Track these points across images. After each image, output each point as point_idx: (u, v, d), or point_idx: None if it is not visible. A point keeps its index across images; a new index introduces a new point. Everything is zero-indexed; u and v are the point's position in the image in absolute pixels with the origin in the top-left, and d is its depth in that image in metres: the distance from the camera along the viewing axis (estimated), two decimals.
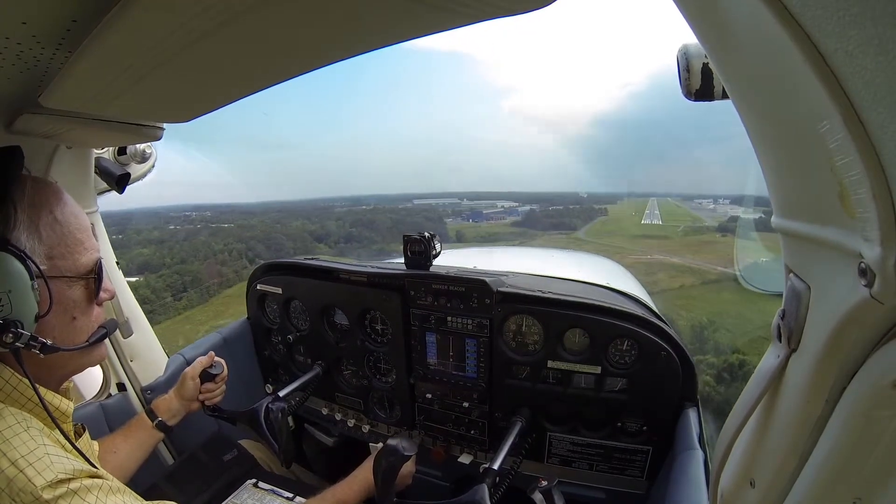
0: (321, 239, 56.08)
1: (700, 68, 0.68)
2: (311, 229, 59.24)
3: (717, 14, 0.46)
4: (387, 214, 70.63)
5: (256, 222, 60.27)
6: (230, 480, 1.66)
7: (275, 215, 76.68)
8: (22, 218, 0.81)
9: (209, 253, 40.44)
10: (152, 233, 43.41)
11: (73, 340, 0.90)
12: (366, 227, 64.47)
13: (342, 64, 0.73)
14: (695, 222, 74.12)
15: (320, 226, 62.11)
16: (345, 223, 65.29)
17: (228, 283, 36.10)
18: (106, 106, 0.90)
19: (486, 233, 68.10)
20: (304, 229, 58.30)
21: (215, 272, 36.42)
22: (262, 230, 50.74)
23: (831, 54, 0.34)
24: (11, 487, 0.72)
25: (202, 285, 34.04)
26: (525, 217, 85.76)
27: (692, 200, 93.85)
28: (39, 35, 0.64)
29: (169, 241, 43.06)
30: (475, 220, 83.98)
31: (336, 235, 58.57)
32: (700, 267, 39.18)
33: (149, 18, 0.54)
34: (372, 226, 64.98)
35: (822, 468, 0.49)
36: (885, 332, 0.41)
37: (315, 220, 65.96)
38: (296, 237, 52.89)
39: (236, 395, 1.96)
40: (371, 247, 57.33)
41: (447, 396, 1.83)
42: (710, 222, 67.34)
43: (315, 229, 59.52)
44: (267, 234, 46.22)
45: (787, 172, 0.51)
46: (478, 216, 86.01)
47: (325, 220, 66.21)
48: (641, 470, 1.61)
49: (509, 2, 0.54)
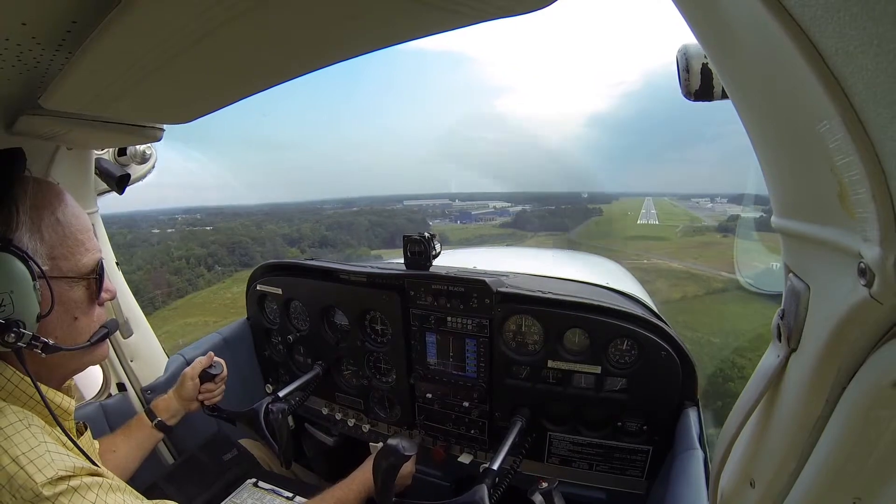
0: (294, 242, 53.62)
1: (699, 69, 0.68)
2: (286, 232, 56.49)
3: (717, 14, 0.46)
4: (366, 216, 68.05)
5: (238, 224, 57.47)
6: (230, 480, 1.66)
7: (261, 217, 73.43)
8: (24, 219, 0.82)
9: (166, 259, 36.88)
10: (126, 236, 40.20)
11: (75, 340, 0.91)
12: (343, 230, 61.90)
13: (341, 64, 0.73)
14: (693, 222, 70.94)
15: (295, 228, 59.18)
16: (321, 225, 62.72)
17: (179, 293, 31.55)
18: (106, 107, 0.90)
19: (472, 235, 65.64)
20: (279, 232, 55.57)
21: (163, 282, 32.33)
22: (226, 235, 47.13)
23: (831, 54, 0.34)
24: (12, 484, 0.73)
25: (144, 297, 29.93)
26: (514, 218, 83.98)
27: (689, 199, 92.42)
28: (39, 36, 0.64)
29: (141, 246, 39.96)
30: (463, 221, 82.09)
31: (311, 238, 56.00)
32: (703, 272, 34.16)
33: (149, 20, 0.54)
34: (350, 228, 62.41)
35: (822, 468, 0.49)
36: (884, 332, 0.41)
37: (293, 223, 62.95)
38: (265, 240, 49.98)
39: (236, 396, 1.96)
40: (345, 251, 54.45)
41: (447, 396, 1.83)
42: (709, 222, 64.26)
43: (289, 232, 56.74)
44: (231, 239, 43.38)
45: (786, 172, 0.51)
46: (466, 217, 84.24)
47: (304, 223, 63.69)
48: (641, 470, 1.61)
49: (509, 2, 0.54)
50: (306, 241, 55.35)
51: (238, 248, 42.18)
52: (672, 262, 40.36)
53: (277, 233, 55.20)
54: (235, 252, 42.21)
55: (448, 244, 1.74)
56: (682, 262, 40.07)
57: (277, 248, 51.58)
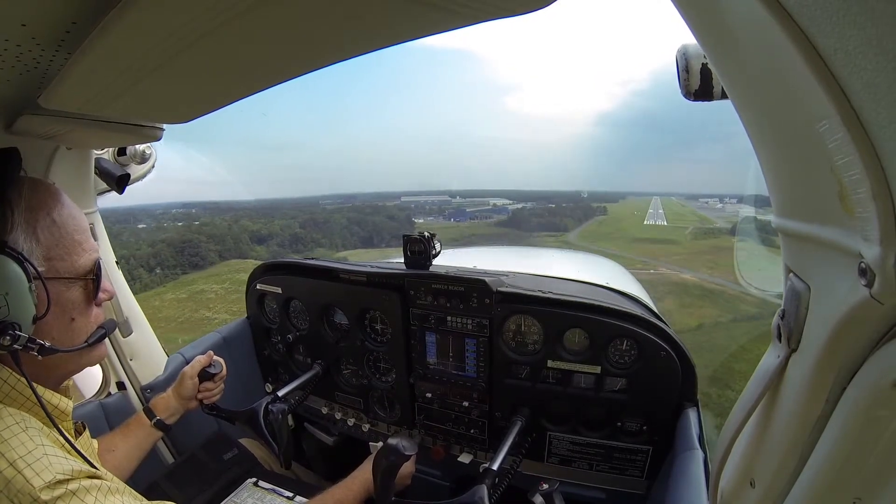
0: (263, 240, 50.30)
1: (699, 69, 0.68)
2: (254, 229, 52.70)
3: (716, 14, 0.46)
4: (346, 213, 63.89)
5: (219, 220, 53.68)
6: (230, 479, 1.66)
7: (250, 213, 68.01)
8: (19, 220, 0.81)
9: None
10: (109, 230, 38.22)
11: (72, 341, 0.90)
12: (317, 228, 58.02)
13: (343, 62, 0.73)
14: (703, 223, 65.15)
15: (263, 225, 55.16)
16: (295, 222, 58.70)
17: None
18: (105, 107, 0.90)
19: (461, 235, 60.79)
20: (248, 229, 51.91)
21: None
22: (177, 232, 43.73)
23: (830, 54, 0.34)
24: (10, 488, 0.72)
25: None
26: (511, 217, 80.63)
27: (697, 200, 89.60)
28: (39, 37, 0.64)
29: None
30: (457, 219, 78.49)
31: (281, 236, 52.39)
32: (724, 288, 25.48)
33: (148, 20, 0.54)
34: (325, 227, 58.52)
35: (822, 468, 0.49)
36: (885, 332, 0.41)
37: (259, 220, 58.56)
38: (225, 238, 46.11)
39: (236, 395, 1.97)
40: (315, 250, 50.86)
41: (447, 396, 1.83)
42: (721, 223, 59.21)
43: (258, 228, 53.00)
44: (183, 237, 39.86)
45: (786, 172, 0.51)
46: (459, 215, 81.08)
47: (275, 220, 59.03)
48: (641, 470, 1.61)
49: (510, 2, 0.54)
50: (276, 238, 51.86)
51: (188, 247, 38.14)
52: (683, 272, 33.12)
53: (248, 229, 51.82)
54: (185, 252, 38.11)
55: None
56: (695, 272, 32.76)
57: (241, 247, 47.47)
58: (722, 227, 56.56)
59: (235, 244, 47.20)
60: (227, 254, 44.11)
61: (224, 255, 43.47)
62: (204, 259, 37.39)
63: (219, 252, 42.01)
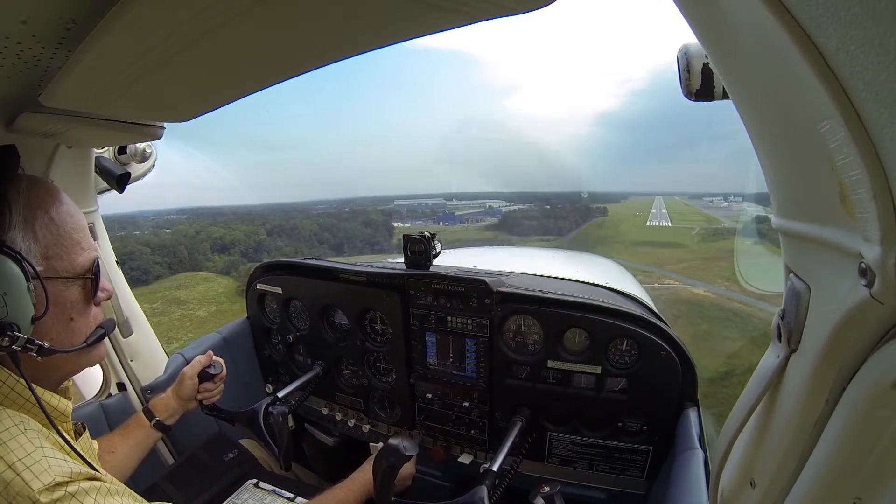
0: (224, 249, 46.23)
1: (700, 68, 0.68)
2: (218, 235, 48.83)
3: (717, 14, 0.46)
4: (316, 219, 59.58)
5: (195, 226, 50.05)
6: (231, 480, 1.66)
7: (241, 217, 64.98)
8: (17, 219, 0.80)
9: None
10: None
11: (71, 341, 0.90)
12: (284, 235, 54.33)
13: (343, 62, 0.73)
14: (710, 223, 59.19)
15: (228, 231, 51.50)
16: (263, 229, 55.18)
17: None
18: (106, 105, 0.90)
19: (445, 240, 59.49)
20: (211, 236, 48.00)
21: None
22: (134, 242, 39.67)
23: (832, 54, 0.34)
24: (9, 491, 0.72)
25: None
26: (501, 220, 76.03)
27: (701, 199, 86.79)
28: (39, 34, 0.64)
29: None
30: (446, 222, 75.14)
31: (245, 244, 48.66)
32: (752, 309, 18.09)
33: (148, 18, 0.54)
34: (293, 233, 54.76)
35: (822, 468, 0.49)
36: (885, 332, 0.41)
37: (224, 225, 54.13)
38: (174, 248, 41.79)
39: (236, 395, 1.96)
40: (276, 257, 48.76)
41: (447, 396, 1.83)
42: (729, 223, 53.66)
43: (221, 235, 49.11)
44: (126, 248, 35.74)
45: (787, 172, 0.51)
46: (449, 219, 77.64)
47: (239, 226, 54.85)
48: (642, 470, 1.61)
49: (509, 1, 0.54)
50: (239, 246, 48.30)
51: (129, 259, 33.68)
52: (695, 285, 24.89)
53: (211, 236, 48.45)
54: (125, 265, 40.34)
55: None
56: (709, 285, 24.13)
57: (195, 258, 43.50)
58: (731, 227, 51.12)
59: (190, 255, 43.38)
60: (177, 266, 40.81)
61: (174, 267, 40.18)
62: (146, 272, 35.17)
63: (168, 264, 38.96)
